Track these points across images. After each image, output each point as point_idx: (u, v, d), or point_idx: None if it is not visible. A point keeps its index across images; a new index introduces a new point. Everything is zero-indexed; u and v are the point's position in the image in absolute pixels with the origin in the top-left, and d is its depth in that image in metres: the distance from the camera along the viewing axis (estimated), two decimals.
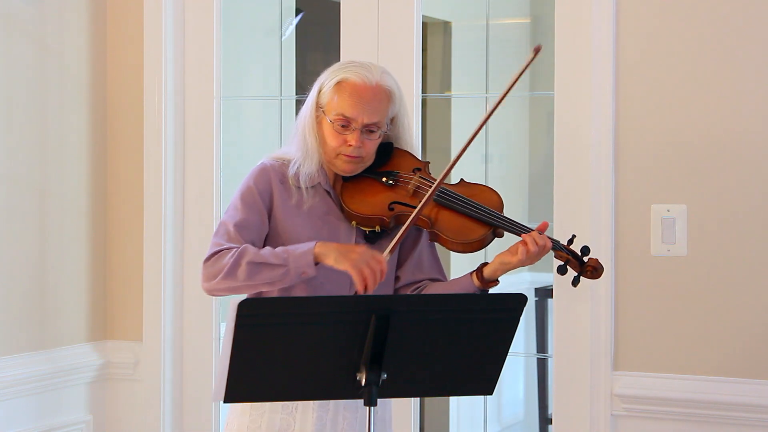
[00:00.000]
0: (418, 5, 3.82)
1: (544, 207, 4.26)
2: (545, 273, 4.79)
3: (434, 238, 2.81)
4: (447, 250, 2.86)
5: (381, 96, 2.77)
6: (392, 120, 2.83)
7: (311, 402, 2.75)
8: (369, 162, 2.82)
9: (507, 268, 2.76)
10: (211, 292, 2.77)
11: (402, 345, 2.39)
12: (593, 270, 2.81)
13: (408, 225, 2.72)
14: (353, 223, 2.80)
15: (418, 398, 3.89)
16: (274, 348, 2.37)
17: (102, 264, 4.17)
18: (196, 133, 4.12)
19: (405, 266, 2.89)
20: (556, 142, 3.63)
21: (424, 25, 3.91)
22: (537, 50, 2.72)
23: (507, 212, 2.87)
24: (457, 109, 5.34)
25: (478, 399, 4.37)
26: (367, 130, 2.76)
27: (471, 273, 2.80)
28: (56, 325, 4.00)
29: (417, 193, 2.80)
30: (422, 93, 3.86)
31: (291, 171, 2.80)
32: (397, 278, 2.89)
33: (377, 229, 2.80)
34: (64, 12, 4.02)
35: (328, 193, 2.84)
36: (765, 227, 3.36)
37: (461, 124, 5.31)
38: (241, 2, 4.33)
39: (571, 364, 3.60)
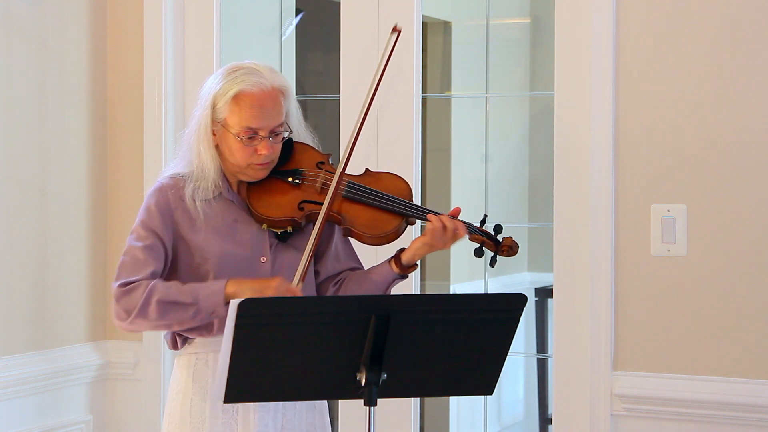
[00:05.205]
0: (418, 5, 3.81)
1: (544, 207, 4.26)
2: (545, 273, 4.79)
3: (348, 233, 2.82)
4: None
5: (278, 98, 2.77)
6: (286, 114, 2.82)
7: (251, 404, 2.73)
8: (275, 162, 2.81)
9: (422, 251, 2.79)
10: (127, 331, 2.77)
11: (402, 345, 2.40)
12: (509, 249, 2.83)
13: (320, 228, 2.72)
14: (264, 226, 2.79)
15: (418, 398, 3.89)
16: (274, 348, 2.37)
17: (102, 264, 4.16)
18: None
19: (324, 260, 2.89)
20: (556, 142, 3.62)
21: (424, 25, 3.91)
22: (397, 30, 2.71)
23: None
24: (457, 109, 5.34)
25: (478, 399, 4.37)
26: (273, 134, 2.76)
27: (389, 260, 2.82)
28: (56, 325, 4.00)
29: (324, 189, 2.80)
30: (422, 93, 3.86)
31: (188, 190, 2.78)
32: (317, 273, 2.89)
33: (289, 229, 2.79)
34: (64, 12, 4.02)
35: (232, 201, 2.81)
36: (765, 227, 3.36)
37: (461, 124, 5.31)
38: (241, 2, 4.33)
39: (571, 364, 3.59)
